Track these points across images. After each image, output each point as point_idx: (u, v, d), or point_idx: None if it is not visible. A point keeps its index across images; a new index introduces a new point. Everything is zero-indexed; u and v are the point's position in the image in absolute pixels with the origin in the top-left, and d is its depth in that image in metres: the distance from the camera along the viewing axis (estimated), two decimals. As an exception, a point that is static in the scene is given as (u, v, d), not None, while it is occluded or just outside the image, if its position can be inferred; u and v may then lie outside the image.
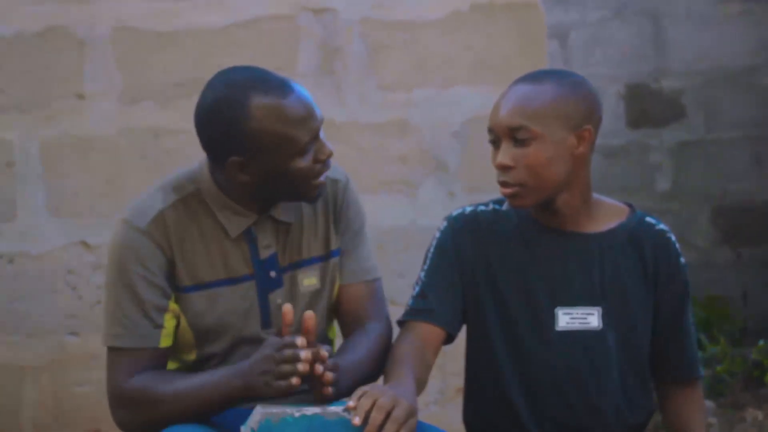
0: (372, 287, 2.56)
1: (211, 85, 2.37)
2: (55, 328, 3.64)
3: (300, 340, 2.22)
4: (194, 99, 2.48)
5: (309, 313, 2.27)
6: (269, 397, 2.25)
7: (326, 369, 2.24)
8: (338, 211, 2.52)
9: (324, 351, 2.24)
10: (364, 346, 2.44)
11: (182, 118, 3.62)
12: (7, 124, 3.65)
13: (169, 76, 3.67)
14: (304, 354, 2.21)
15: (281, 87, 2.34)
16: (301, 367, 2.21)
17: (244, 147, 2.31)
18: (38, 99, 3.66)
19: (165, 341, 2.39)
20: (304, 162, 2.34)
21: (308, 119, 2.33)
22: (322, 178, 2.39)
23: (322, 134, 2.38)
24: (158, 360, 2.39)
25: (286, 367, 2.21)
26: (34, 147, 3.65)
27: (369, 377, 2.42)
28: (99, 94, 3.67)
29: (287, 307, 2.25)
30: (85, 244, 3.64)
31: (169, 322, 2.39)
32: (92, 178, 3.66)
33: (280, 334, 2.27)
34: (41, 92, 3.66)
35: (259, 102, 2.30)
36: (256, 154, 2.32)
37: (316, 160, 2.36)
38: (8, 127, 3.65)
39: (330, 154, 2.38)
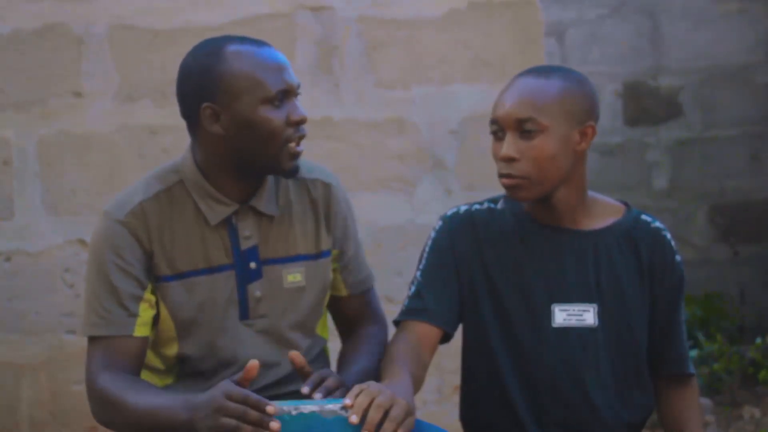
0: (371, 294, 2.63)
1: (192, 48, 2.44)
2: (52, 327, 3.63)
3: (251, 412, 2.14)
4: (192, 97, 2.49)
5: (253, 363, 2.21)
6: None
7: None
8: (331, 215, 2.54)
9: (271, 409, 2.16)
10: (366, 356, 2.48)
11: (179, 116, 3.62)
12: (4, 121, 3.65)
13: (167, 74, 3.66)
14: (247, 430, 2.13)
15: (257, 41, 2.41)
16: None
17: (216, 91, 2.34)
18: (35, 97, 3.66)
19: (140, 330, 2.40)
20: (275, 115, 2.35)
21: (280, 70, 2.37)
22: (298, 148, 2.39)
23: (298, 103, 2.40)
24: (134, 350, 2.39)
25: (229, 421, 2.13)
26: (31, 145, 3.65)
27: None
28: (96, 91, 3.67)
29: (252, 364, 2.20)
30: (82, 242, 3.64)
31: (145, 312, 2.40)
32: (89, 176, 3.66)
33: (240, 382, 2.22)
34: (38, 90, 3.66)
35: (233, 48, 2.36)
36: (228, 99, 2.34)
37: (288, 123, 2.37)
38: (5, 125, 3.65)
39: (303, 119, 2.39)
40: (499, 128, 2.46)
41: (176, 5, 3.69)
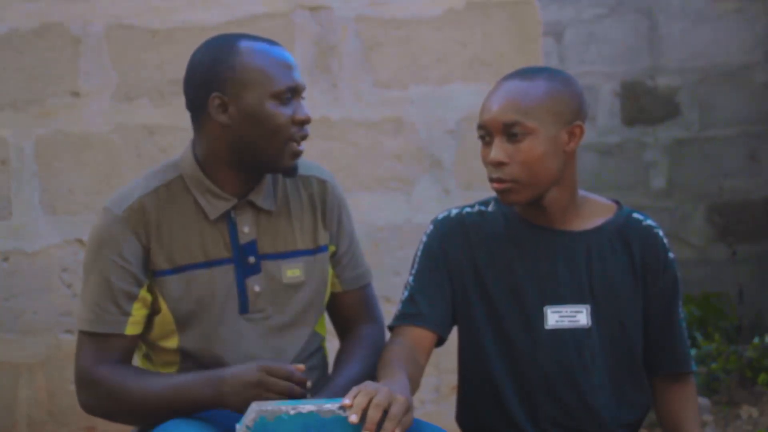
0: (367, 291, 2.64)
1: (203, 42, 2.49)
2: (50, 326, 3.63)
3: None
4: (189, 96, 2.49)
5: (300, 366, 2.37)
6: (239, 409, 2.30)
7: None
8: (327, 210, 2.56)
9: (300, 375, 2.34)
10: (359, 358, 2.50)
11: (177, 115, 3.61)
12: (2, 121, 3.64)
13: (164, 74, 3.66)
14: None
15: (269, 40, 2.47)
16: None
17: (227, 81, 2.39)
18: (33, 96, 3.65)
19: (131, 329, 2.43)
20: (281, 111, 2.40)
21: (290, 69, 2.43)
22: (300, 147, 2.44)
23: (304, 103, 2.45)
24: (125, 346, 2.43)
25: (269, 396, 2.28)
26: (28, 144, 3.65)
27: None
28: (94, 91, 3.66)
29: (299, 366, 2.35)
30: (80, 241, 3.64)
31: (138, 311, 2.43)
32: (87, 176, 3.66)
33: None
34: (36, 89, 3.65)
35: (246, 43, 2.43)
36: (238, 91, 2.39)
37: (293, 121, 2.41)
38: (3, 125, 3.64)
39: (308, 119, 2.43)
40: (486, 133, 2.46)
41: (174, 5, 3.68)
